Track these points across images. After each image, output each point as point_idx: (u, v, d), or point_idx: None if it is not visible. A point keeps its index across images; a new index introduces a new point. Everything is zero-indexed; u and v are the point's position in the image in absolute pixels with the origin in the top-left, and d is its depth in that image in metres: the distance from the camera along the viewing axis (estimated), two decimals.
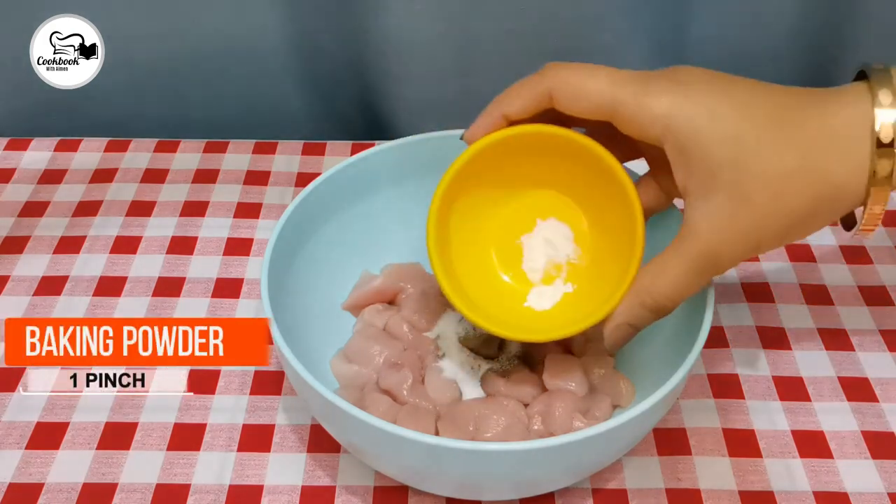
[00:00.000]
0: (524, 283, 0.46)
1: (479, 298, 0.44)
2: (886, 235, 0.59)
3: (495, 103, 0.41)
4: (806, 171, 0.36)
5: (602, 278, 0.43)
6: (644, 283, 0.39)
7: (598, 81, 0.39)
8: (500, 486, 0.41)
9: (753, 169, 0.36)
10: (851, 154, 0.36)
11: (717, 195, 0.37)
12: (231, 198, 0.61)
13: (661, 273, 0.39)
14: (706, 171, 0.37)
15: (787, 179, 0.36)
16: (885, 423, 0.47)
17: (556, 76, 0.39)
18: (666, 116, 0.37)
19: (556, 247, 0.45)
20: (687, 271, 0.38)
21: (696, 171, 0.37)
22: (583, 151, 0.41)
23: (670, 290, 0.39)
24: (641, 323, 0.40)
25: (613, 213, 0.42)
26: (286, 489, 0.44)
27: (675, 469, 0.45)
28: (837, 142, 0.36)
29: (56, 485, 0.44)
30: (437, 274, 0.42)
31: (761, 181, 0.36)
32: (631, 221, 0.41)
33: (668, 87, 0.38)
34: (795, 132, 0.36)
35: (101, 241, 0.58)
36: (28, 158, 0.65)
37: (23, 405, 0.47)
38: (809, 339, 0.52)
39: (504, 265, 0.46)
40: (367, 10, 0.62)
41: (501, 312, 0.44)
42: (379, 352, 0.47)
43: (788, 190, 0.36)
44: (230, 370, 0.49)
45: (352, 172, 0.49)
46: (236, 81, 0.68)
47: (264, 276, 0.42)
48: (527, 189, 0.45)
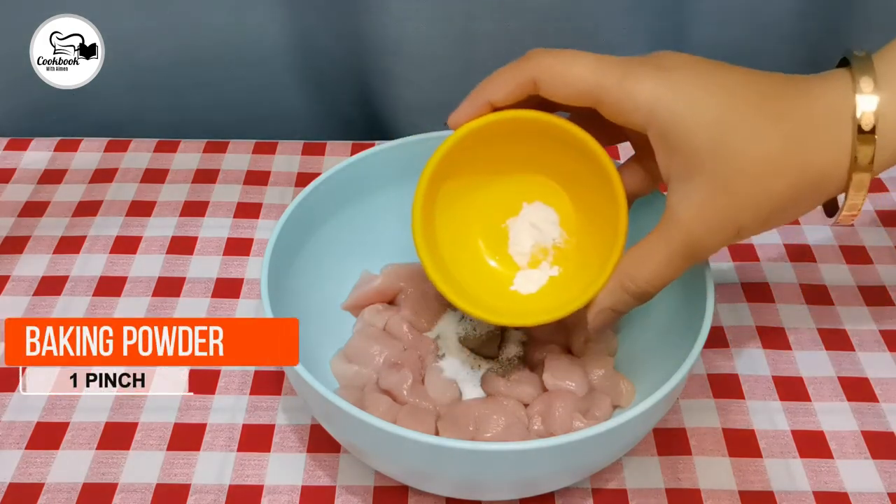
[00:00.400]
0: (511, 266, 0.46)
1: (465, 283, 0.44)
2: (886, 235, 0.59)
3: (479, 89, 0.41)
4: (787, 157, 0.36)
5: (587, 262, 0.43)
6: (627, 269, 0.40)
7: (581, 68, 0.38)
8: (500, 486, 0.41)
9: (734, 155, 0.36)
10: (833, 140, 0.36)
11: (698, 181, 0.37)
12: (231, 198, 0.61)
13: (643, 259, 0.39)
14: (688, 156, 0.37)
15: (767, 165, 0.36)
16: (885, 423, 0.47)
17: (539, 63, 0.39)
18: (649, 103, 0.37)
19: (541, 230, 0.45)
20: (669, 257, 0.38)
21: (678, 157, 0.37)
22: (567, 136, 0.41)
23: (652, 276, 0.39)
24: (624, 308, 0.40)
25: (598, 197, 0.42)
26: (286, 489, 0.44)
27: (675, 469, 0.45)
28: (819, 128, 0.36)
29: (56, 485, 0.44)
30: (423, 258, 0.42)
31: (742, 167, 0.36)
32: (614, 207, 0.41)
33: (651, 73, 0.37)
34: (777, 118, 0.36)
35: (101, 241, 0.58)
36: (28, 158, 0.65)
37: (23, 405, 0.47)
38: (809, 339, 0.52)
39: (490, 249, 0.46)
40: (368, 10, 0.62)
41: (487, 297, 0.44)
42: (379, 352, 0.47)
43: (769, 176, 0.36)
44: (230, 370, 0.49)
45: (352, 172, 0.49)
46: (236, 81, 0.68)
47: (264, 276, 0.42)
48: (512, 173, 0.45)
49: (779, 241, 0.58)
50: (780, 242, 0.58)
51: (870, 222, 0.60)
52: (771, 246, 0.58)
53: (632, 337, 0.49)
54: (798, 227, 0.59)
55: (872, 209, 0.61)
